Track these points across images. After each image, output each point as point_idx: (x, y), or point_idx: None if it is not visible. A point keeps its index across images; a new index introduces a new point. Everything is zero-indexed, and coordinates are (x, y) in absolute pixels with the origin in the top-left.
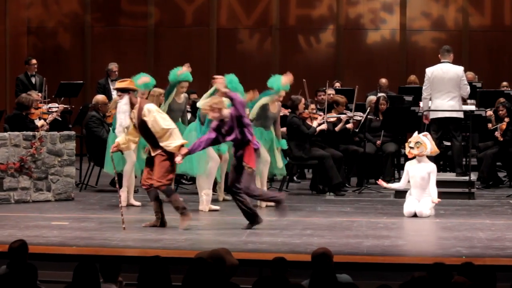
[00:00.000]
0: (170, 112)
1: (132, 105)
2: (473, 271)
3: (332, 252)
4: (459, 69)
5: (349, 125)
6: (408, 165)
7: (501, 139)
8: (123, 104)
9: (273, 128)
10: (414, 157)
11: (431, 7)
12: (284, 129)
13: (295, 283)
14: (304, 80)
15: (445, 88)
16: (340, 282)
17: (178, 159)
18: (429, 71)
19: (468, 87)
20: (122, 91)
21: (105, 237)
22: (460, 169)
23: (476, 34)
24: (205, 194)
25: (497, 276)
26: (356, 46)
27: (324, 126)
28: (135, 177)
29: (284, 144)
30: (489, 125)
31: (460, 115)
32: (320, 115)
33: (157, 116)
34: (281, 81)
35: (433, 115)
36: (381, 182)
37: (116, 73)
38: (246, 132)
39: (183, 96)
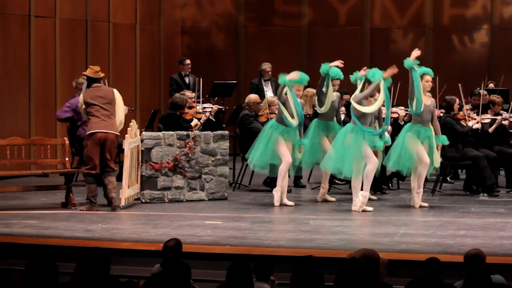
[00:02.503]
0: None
1: None
2: None
3: (485, 253)
4: None
5: (506, 122)
6: None
7: None
8: None
9: (432, 125)
10: None
11: None
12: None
13: (449, 283)
14: (460, 84)
15: None
16: (493, 283)
17: None
18: None
19: None
20: None
21: (258, 237)
22: None
23: None
24: (362, 195)
25: None
26: (511, 46)
27: (478, 125)
28: (288, 177)
29: (445, 139)
30: None
31: None
32: (475, 118)
33: None
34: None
35: None
36: None
37: (270, 73)
38: None
39: (336, 94)
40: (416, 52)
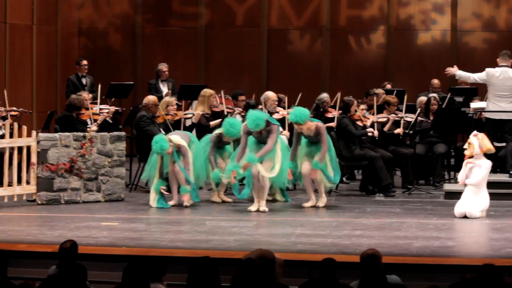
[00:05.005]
0: None
1: None
2: None
3: (381, 253)
4: None
5: (398, 130)
6: (465, 162)
7: None
8: None
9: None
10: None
11: (482, 8)
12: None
13: (344, 284)
14: (339, 93)
15: (505, 92)
16: (389, 283)
17: None
18: (490, 71)
19: None
20: None
21: (155, 238)
22: None
23: None
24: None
25: None
26: (407, 47)
27: (376, 133)
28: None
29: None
30: None
31: None
32: (369, 118)
33: None
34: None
35: (488, 116)
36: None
37: (167, 73)
38: None
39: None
40: None
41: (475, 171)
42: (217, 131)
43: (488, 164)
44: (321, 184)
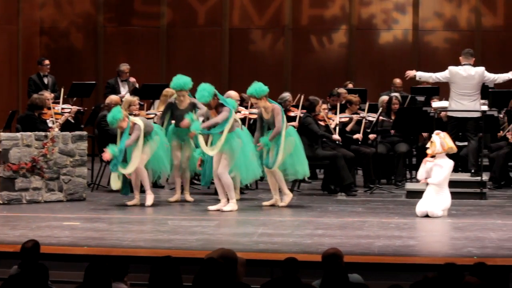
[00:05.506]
0: None
1: None
2: (485, 271)
3: (342, 252)
4: (481, 70)
5: (357, 136)
6: (427, 161)
7: None
8: None
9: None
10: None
11: (443, 7)
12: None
13: (307, 283)
14: (302, 96)
15: (468, 90)
16: (351, 282)
17: None
18: (453, 69)
19: (495, 75)
20: None
21: (117, 237)
22: (475, 168)
23: (488, 34)
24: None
25: (509, 276)
26: (369, 47)
27: (339, 138)
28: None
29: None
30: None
31: (478, 115)
32: (334, 119)
33: None
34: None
35: (450, 115)
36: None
37: (127, 74)
38: None
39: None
40: None
41: (437, 171)
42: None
43: (450, 164)
44: (282, 181)
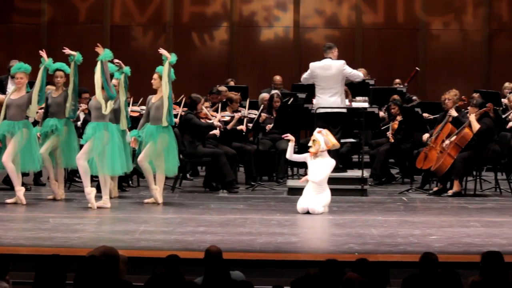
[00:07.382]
0: None
1: None
2: (367, 267)
3: (223, 249)
4: (340, 63)
5: (241, 127)
6: (309, 158)
7: (392, 140)
8: None
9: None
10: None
11: (324, 5)
12: None
13: (189, 280)
14: (184, 97)
15: (327, 84)
16: (233, 279)
17: None
18: (313, 64)
19: (356, 72)
20: None
21: None
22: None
23: (369, 31)
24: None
25: (390, 272)
26: (250, 44)
27: (217, 132)
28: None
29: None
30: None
31: (343, 111)
32: (215, 115)
33: None
34: None
35: (317, 111)
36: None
37: None
38: None
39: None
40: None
41: (319, 169)
42: None
43: (332, 163)
44: (150, 174)
